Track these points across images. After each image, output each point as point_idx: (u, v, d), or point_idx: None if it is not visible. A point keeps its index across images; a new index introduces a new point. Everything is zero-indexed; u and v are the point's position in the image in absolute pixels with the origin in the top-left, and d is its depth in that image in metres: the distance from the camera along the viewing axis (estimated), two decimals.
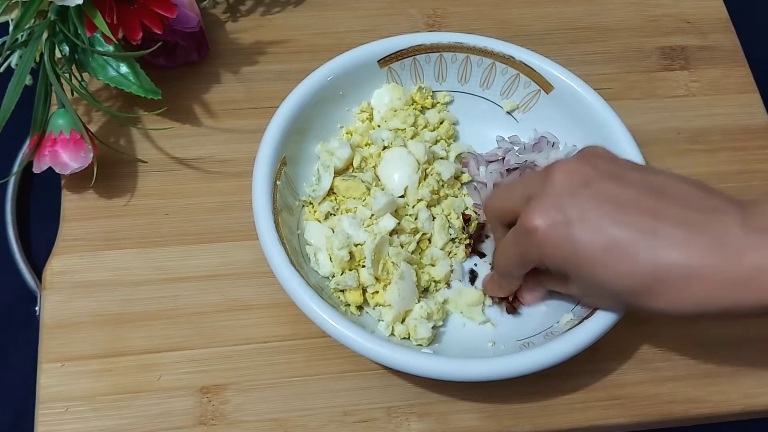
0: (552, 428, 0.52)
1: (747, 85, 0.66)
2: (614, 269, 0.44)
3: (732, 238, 0.42)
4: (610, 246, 0.43)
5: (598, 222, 0.44)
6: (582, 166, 0.46)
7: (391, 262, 0.53)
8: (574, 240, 0.44)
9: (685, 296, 0.43)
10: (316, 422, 0.51)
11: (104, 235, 0.56)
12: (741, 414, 0.54)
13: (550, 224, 0.44)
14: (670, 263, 0.42)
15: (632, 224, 0.43)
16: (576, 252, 0.44)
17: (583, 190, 0.45)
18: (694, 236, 0.42)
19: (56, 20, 0.55)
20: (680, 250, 0.42)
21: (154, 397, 0.51)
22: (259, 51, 0.65)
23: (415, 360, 0.48)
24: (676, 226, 0.43)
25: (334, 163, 0.56)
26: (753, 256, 0.41)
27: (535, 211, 0.45)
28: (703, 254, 0.42)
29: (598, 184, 0.45)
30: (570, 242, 0.44)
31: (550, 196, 0.45)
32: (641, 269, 0.43)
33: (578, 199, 0.44)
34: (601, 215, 0.44)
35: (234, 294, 0.55)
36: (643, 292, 0.44)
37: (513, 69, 0.59)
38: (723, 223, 0.43)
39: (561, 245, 0.44)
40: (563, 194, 0.45)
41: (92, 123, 0.61)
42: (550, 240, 0.45)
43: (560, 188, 0.45)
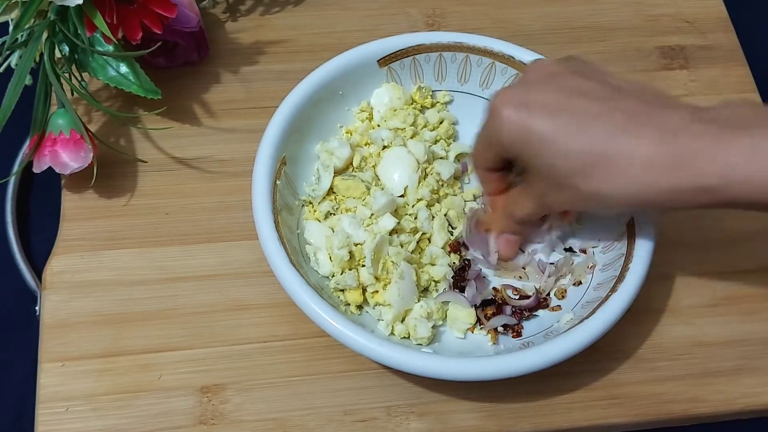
0: (551, 428, 0.52)
1: (746, 85, 0.66)
2: (560, 148, 0.45)
3: (675, 126, 0.44)
4: (559, 127, 0.45)
5: (553, 106, 0.46)
6: (554, 64, 0.49)
7: (391, 261, 0.53)
8: (529, 121, 0.46)
9: (620, 178, 0.44)
10: (315, 422, 0.51)
11: (104, 235, 0.56)
12: (740, 413, 0.54)
13: (510, 105, 0.47)
14: (613, 145, 0.44)
15: (583, 109, 0.45)
16: (529, 133, 0.46)
17: (547, 80, 0.48)
18: (639, 123, 0.44)
19: (56, 20, 0.55)
20: (625, 134, 0.44)
21: (154, 396, 0.51)
22: (259, 51, 0.65)
23: (414, 359, 0.48)
24: (625, 113, 0.45)
25: (334, 163, 0.56)
26: (687, 141, 0.43)
27: (501, 95, 0.48)
28: (646, 139, 0.44)
29: (563, 77, 0.48)
30: (525, 123, 0.46)
31: (516, 85, 0.49)
32: (585, 147, 0.45)
33: (541, 87, 0.47)
34: (557, 101, 0.46)
35: (234, 294, 0.55)
36: (587, 173, 0.45)
37: (513, 69, 0.59)
38: (670, 116, 0.44)
39: (517, 125, 0.46)
40: (530, 84, 0.48)
41: (92, 123, 0.61)
42: (508, 120, 0.46)
43: (527, 79, 0.49)
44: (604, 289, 0.51)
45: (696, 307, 0.56)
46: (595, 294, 0.52)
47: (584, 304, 0.52)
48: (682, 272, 0.57)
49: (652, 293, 0.55)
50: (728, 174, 0.42)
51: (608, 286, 0.51)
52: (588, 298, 0.53)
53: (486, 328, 0.53)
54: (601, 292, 0.51)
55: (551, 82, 0.47)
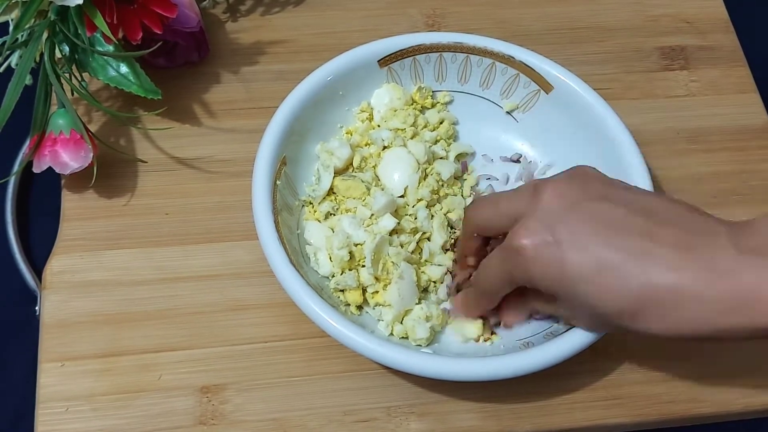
0: (552, 428, 0.52)
1: (746, 85, 0.66)
2: (604, 290, 0.43)
3: (724, 259, 0.41)
4: (599, 266, 0.43)
5: (588, 242, 0.43)
6: (571, 186, 0.46)
7: (391, 261, 0.53)
8: (564, 260, 0.43)
9: (676, 318, 0.42)
10: (315, 422, 0.51)
11: (104, 235, 0.56)
12: (741, 414, 0.54)
13: (539, 244, 0.44)
14: (661, 284, 0.42)
15: (622, 244, 0.43)
16: (565, 272, 0.43)
17: (572, 210, 0.44)
18: (685, 257, 0.42)
19: (56, 20, 0.55)
20: (671, 271, 0.42)
21: (154, 396, 0.51)
22: (259, 51, 0.65)
23: (414, 360, 0.48)
24: (667, 246, 0.42)
25: (334, 163, 0.56)
26: (745, 278, 0.41)
27: (524, 231, 0.45)
28: (695, 276, 0.41)
29: (587, 205, 0.45)
30: (559, 262, 0.43)
31: (538, 216, 0.45)
32: (631, 290, 0.42)
33: (567, 219, 0.44)
34: (590, 235, 0.43)
35: (234, 294, 0.55)
36: (633, 314, 0.43)
37: (513, 69, 0.59)
38: (714, 245, 0.42)
39: (550, 265, 0.44)
40: (552, 214, 0.45)
41: (92, 123, 0.61)
42: (539, 260, 0.44)
43: (549, 208, 0.45)
44: None
45: None
46: None
47: None
48: None
49: None
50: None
51: None
52: None
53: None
54: None
55: (575, 211, 0.44)
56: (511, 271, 0.46)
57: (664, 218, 0.44)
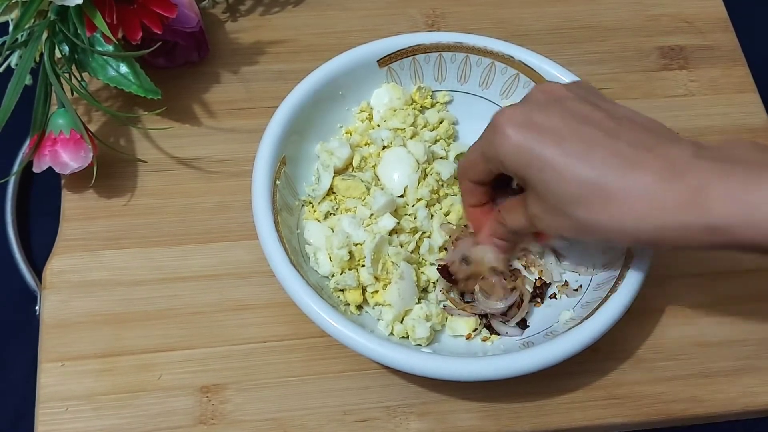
0: (551, 428, 0.52)
1: (746, 85, 0.66)
2: (561, 175, 0.44)
3: (678, 161, 0.43)
4: (562, 153, 0.44)
5: (557, 130, 0.45)
6: (560, 87, 0.48)
7: (391, 261, 0.53)
8: (531, 143, 0.45)
9: (623, 212, 0.43)
10: (315, 422, 0.51)
11: (104, 235, 0.56)
12: (740, 413, 0.54)
13: (513, 124, 0.46)
14: (616, 176, 0.43)
15: (587, 137, 0.45)
16: (531, 155, 0.45)
17: (553, 103, 0.47)
18: (644, 156, 0.43)
19: (56, 20, 0.55)
20: (628, 166, 0.43)
21: (153, 396, 0.51)
22: (259, 51, 0.65)
23: (414, 359, 0.48)
24: (630, 145, 0.44)
25: (334, 163, 0.56)
26: (696, 178, 0.42)
27: (504, 112, 0.47)
28: (647, 171, 0.43)
29: (568, 102, 0.47)
30: (527, 145, 0.45)
31: (522, 103, 0.48)
32: (585, 178, 0.44)
33: (546, 110, 0.46)
34: (561, 126, 0.45)
35: (233, 294, 0.55)
36: (584, 203, 0.44)
37: (512, 69, 0.59)
38: (674, 149, 0.43)
39: (519, 146, 0.46)
40: (534, 104, 0.47)
41: (92, 123, 0.61)
42: (510, 139, 0.46)
43: (533, 100, 0.48)
44: (604, 289, 0.51)
45: (696, 307, 0.56)
46: (595, 294, 0.52)
47: (584, 304, 0.52)
48: (682, 272, 0.57)
49: (652, 293, 0.55)
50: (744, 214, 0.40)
51: (608, 286, 0.51)
52: (588, 298, 0.53)
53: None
54: (601, 292, 0.51)
55: (557, 105, 0.47)
56: (485, 147, 0.48)
57: (634, 123, 0.46)
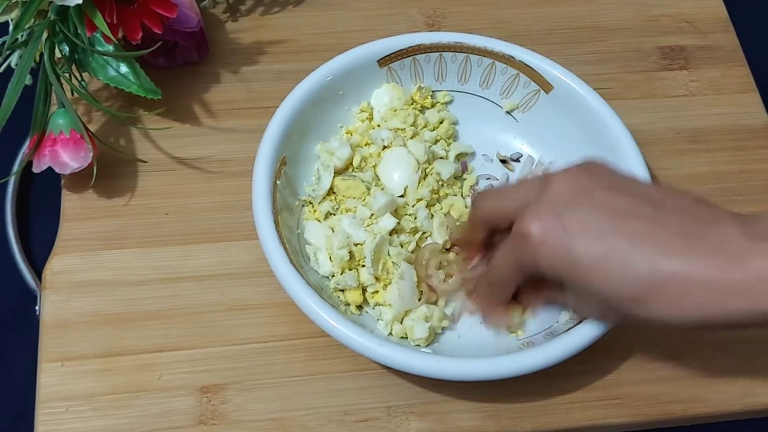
0: (551, 428, 0.52)
1: (746, 85, 0.66)
2: (612, 276, 0.43)
3: (732, 246, 0.41)
4: (607, 253, 0.43)
5: (596, 229, 0.43)
6: (581, 176, 0.46)
7: (392, 262, 0.53)
8: (572, 247, 0.43)
9: (683, 304, 0.42)
10: (315, 422, 0.51)
11: (104, 234, 0.56)
12: (740, 413, 0.54)
13: (547, 230, 0.44)
14: (668, 270, 0.42)
15: (630, 231, 0.43)
16: (573, 259, 0.44)
17: (581, 198, 0.45)
18: (693, 244, 0.42)
19: (56, 20, 0.55)
20: (679, 258, 0.42)
21: (153, 396, 0.51)
22: (259, 51, 0.65)
23: (414, 359, 0.48)
24: (675, 234, 0.42)
25: (334, 163, 0.56)
26: (753, 264, 0.41)
27: (531, 217, 0.45)
28: (703, 262, 0.41)
29: (597, 194, 0.45)
30: (567, 249, 0.44)
31: (547, 203, 0.45)
32: (638, 276, 0.42)
33: (576, 207, 0.44)
34: (598, 222, 0.43)
35: (234, 294, 0.55)
36: (641, 300, 0.43)
37: (513, 69, 0.59)
38: (722, 233, 0.42)
39: (558, 251, 0.44)
40: (561, 202, 0.45)
41: (92, 123, 0.61)
42: (547, 246, 0.44)
43: (558, 196, 0.45)
44: None
45: None
46: None
47: None
48: None
49: None
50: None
51: None
52: None
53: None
54: None
55: (586, 201, 0.44)
56: (518, 259, 0.46)
57: (671, 207, 0.44)
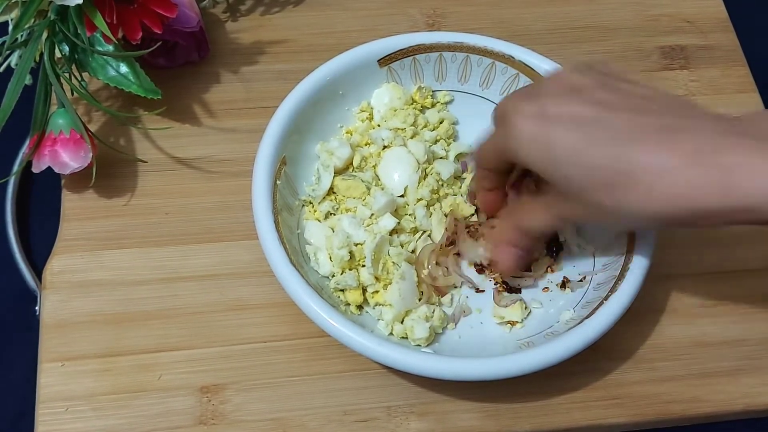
0: (551, 428, 0.52)
1: (746, 85, 0.66)
2: (587, 164, 0.43)
3: (707, 140, 0.41)
4: (584, 138, 0.43)
5: (577, 117, 0.44)
6: (576, 76, 0.46)
7: (392, 262, 0.53)
8: (550, 133, 0.44)
9: (654, 194, 0.42)
10: (315, 422, 0.51)
11: (104, 234, 0.56)
12: (740, 413, 0.54)
13: (530, 117, 0.45)
14: (641, 160, 0.42)
15: (610, 123, 0.43)
16: (552, 144, 0.44)
17: (569, 94, 0.45)
18: (669, 137, 0.42)
19: (56, 20, 0.55)
20: (653, 149, 0.42)
21: (153, 396, 0.51)
22: (259, 51, 0.65)
23: (414, 359, 0.48)
24: (654, 127, 0.43)
25: (334, 163, 0.56)
26: (726, 157, 0.40)
27: (516, 105, 0.45)
28: (676, 154, 0.41)
29: (587, 91, 0.45)
30: (547, 135, 0.44)
31: (535, 95, 0.46)
32: (613, 164, 0.42)
33: (561, 100, 0.45)
34: (580, 112, 0.44)
35: (234, 293, 0.55)
36: (613, 188, 0.43)
37: (513, 69, 0.59)
38: (701, 129, 0.42)
39: (538, 138, 0.44)
40: (548, 95, 0.45)
41: (92, 123, 0.61)
42: (528, 132, 0.45)
43: (547, 91, 0.46)
44: (604, 289, 0.51)
45: (696, 307, 0.56)
46: (595, 294, 0.52)
47: (584, 304, 0.52)
48: (682, 272, 0.57)
49: (652, 293, 0.55)
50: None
51: (608, 286, 0.51)
52: (588, 298, 0.53)
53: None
54: (601, 292, 0.51)
55: (574, 96, 0.45)
56: (499, 144, 0.47)
57: (656, 103, 0.45)
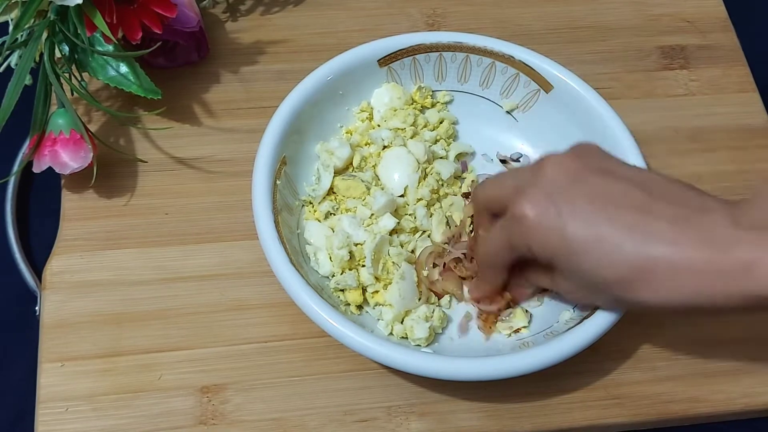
0: (551, 428, 0.52)
1: (746, 85, 0.66)
2: (602, 259, 0.44)
3: (720, 233, 0.42)
4: (598, 237, 0.44)
5: (588, 213, 0.44)
6: (573, 161, 0.47)
7: (392, 262, 0.53)
8: (564, 229, 0.44)
9: (671, 288, 0.43)
10: (315, 422, 0.51)
11: (104, 234, 0.56)
12: (740, 413, 0.54)
13: (541, 212, 0.45)
14: (657, 255, 0.43)
15: (620, 217, 0.44)
16: (565, 242, 0.44)
17: (574, 183, 0.46)
18: (682, 230, 0.43)
19: (56, 20, 0.55)
20: (668, 243, 0.43)
21: (154, 396, 0.51)
22: (259, 51, 0.65)
23: (414, 359, 0.48)
24: (665, 220, 0.43)
25: (334, 163, 0.56)
26: (741, 250, 0.42)
27: (525, 199, 0.46)
28: (691, 247, 0.42)
29: (589, 178, 0.46)
30: (560, 231, 0.44)
31: (541, 187, 0.46)
32: (627, 260, 0.43)
33: (569, 190, 0.45)
34: (590, 207, 0.44)
35: (234, 294, 0.55)
36: (629, 283, 0.44)
37: (513, 68, 0.59)
38: (711, 220, 0.43)
39: (550, 234, 0.45)
40: (554, 186, 0.46)
41: (92, 123, 0.61)
42: (540, 228, 0.45)
43: (551, 180, 0.46)
44: None
45: None
46: None
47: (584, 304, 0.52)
48: None
49: None
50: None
51: None
52: None
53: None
54: None
55: (577, 185, 0.45)
56: (510, 239, 0.47)
57: (661, 194, 0.45)
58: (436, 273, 0.54)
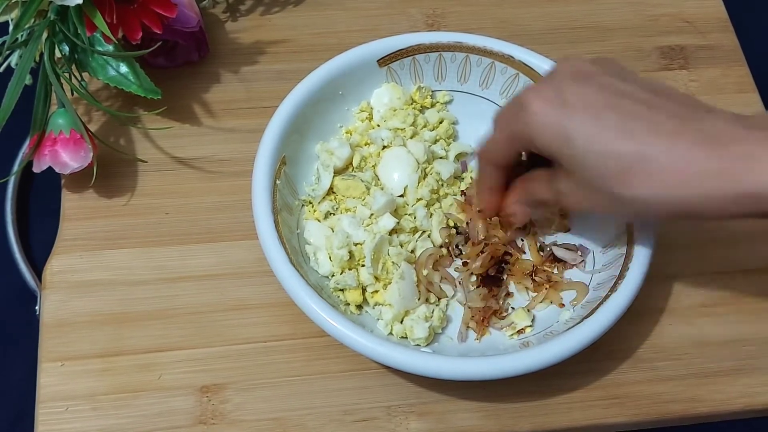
0: (551, 427, 0.52)
1: (746, 85, 0.66)
2: (602, 151, 0.44)
3: (722, 128, 0.42)
4: (599, 127, 0.44)
5: (593, 104, 0.44)
6: (587, 63, 0.47)
7: (392, 261, 0.53)
8: (566, 119, 0.44)
9: (663, 181, 0.42)
10: (315, 421, 0.51)
11: (104, 234, 0.56)
12: (740, 413, 0.54)
13: (545, 100, 0.45)
14: (655, 148, 0.43)
15: (625, 109, 0.44)
16: (566, 132, 0.44)
17: (584, 79, 0.46)
18: (682, 126, 0.43)
19: (56, 20, 0.55)
20: (668, 138, 0.43)
21: (154, 396, 0.51)
22: (259, 51, 0.65)
23: (414, 359, 0.48)
24: (668, 116, 0.43)
25: (334, 163, 0.56)
26: (742, 146, 0.41)
27: (532, 89, 0.46)
28: (689, 143, 0.42)
29: (599, 77, 0.46)
30: (561, 121, 0.44)
31: (549, 80, 0.46)
32: (627, 151, 0.43)
33: (576, 85, 0.45)
34: (597, 98, 0.44)
35: (233, 293, 0.55)
36: (626, 176, 0.43)
37: (512, 68, 0.59)
38: (715, 117, 0.43)
39: (552, 123, 0.45)
40: (564, 80, 0.46)
41: (92, 123, 0.61)
42: (542, 116, 0.45)
43: (562, 76, 0.46)
44: (604, 289, 0.51)
45: (696, 307, 0.56)
46: (595, 294, 0.52)
47: (584, 303, 0.52)
48: (682, 272, 0.57)
49: (652, 293, 0.55)
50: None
51: (608, 286, 0.51)
52: (588, 297, 0.53)
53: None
54: (601, 292, 0.51)
55: (588, 81, 0.45)
56: (512, 128, 0.47)
57: (670, 96, 0.45)
58: (435, 276, 0.54)
